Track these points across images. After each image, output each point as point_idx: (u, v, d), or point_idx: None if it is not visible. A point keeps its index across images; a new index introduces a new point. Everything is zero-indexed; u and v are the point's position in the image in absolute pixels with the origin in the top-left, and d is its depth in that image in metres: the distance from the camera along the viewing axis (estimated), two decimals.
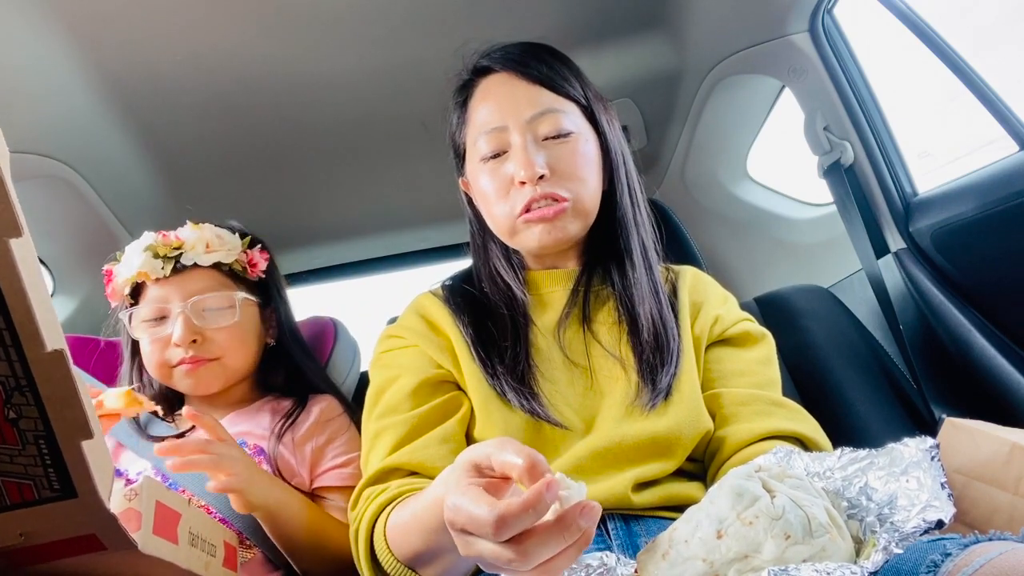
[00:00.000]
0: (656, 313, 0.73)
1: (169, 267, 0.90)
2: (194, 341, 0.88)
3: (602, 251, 0.79)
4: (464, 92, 0.81)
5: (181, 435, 0.91)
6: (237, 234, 0.98)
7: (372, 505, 0.64)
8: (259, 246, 1.00)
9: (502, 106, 0.75)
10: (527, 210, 0.73)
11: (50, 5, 0.94)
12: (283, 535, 0.79)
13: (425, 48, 1.12)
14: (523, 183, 0.72)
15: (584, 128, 0.76)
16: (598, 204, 0.77)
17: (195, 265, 0.92)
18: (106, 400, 0.68)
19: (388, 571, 0.62)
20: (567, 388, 0.72)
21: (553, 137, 0.73)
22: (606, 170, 0.78)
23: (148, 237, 0.93)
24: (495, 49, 0.79)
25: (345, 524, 0.80)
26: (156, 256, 0.90)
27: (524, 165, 0.71)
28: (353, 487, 0.86)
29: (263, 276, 1.00)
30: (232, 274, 0.96)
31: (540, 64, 0.76)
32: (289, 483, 0.86)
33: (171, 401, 0.97)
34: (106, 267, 0.96)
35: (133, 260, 0.91)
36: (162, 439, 0.89)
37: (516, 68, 0.76)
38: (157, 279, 0.91)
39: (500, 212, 0.75)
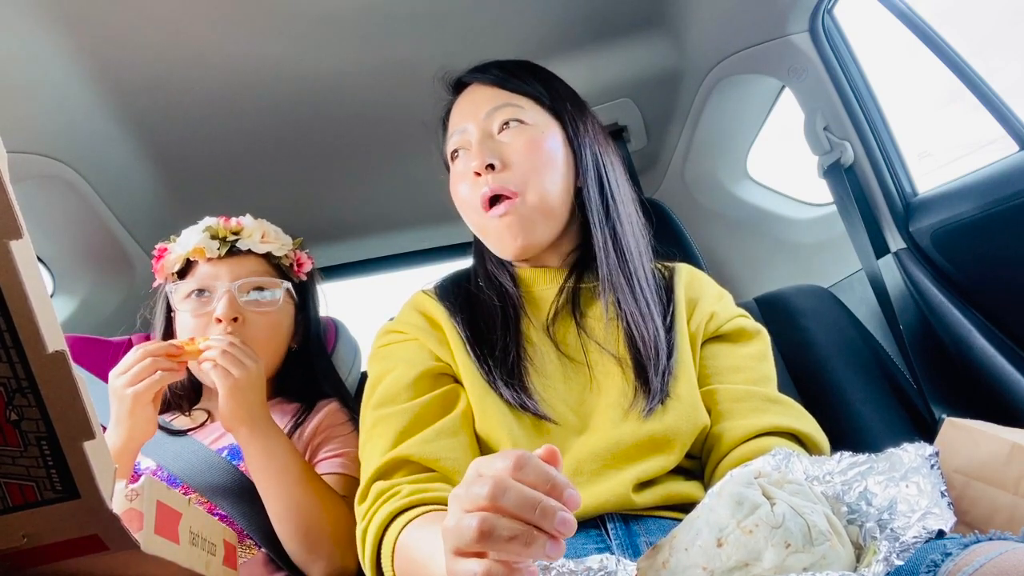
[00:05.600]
0: (646, 312, 0.73)
1: (224, 249, 0.95)
2: (235, 319, 0.91)
3: (589, 248, 0.80)
4: (446, 110, 0.87)
5: (187, 432, 0.92)
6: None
7: (382, 510, 0.63)
8: (306, 251, 1.06)
9: (464, 110, 0.81)
10: (488, 207, 0.76)
11: (50, 5, 0.94)
12: (270, 477, 0.80)
13: (425, 48, 1.12)
14: (477, 174, 0.75)
15: (543, 122, 0.78)
16: (563, 200, 0.77)
17: (248, 251, 0.97)
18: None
19: None
20: (562, 384, 0.72)
21: (508, 127, 0.77)
22: (577, 167, 0.79)
23: (208, 220, 0.98)
24: (468, 69, 0.85)
25: (338, 498, 0.83)
26: (214, 237, 0.95)
27: (474, 155, 0.76)
28: (343, 474, 0.87)
29: (304, 280, 1.04)
30: (279, 268, 1.00)
31: (499, 70, 0.82)
32: None
33: (188, 395, 0.99)
34: (159, 245, 1.00)
35: (190, 239, 0.96)
36: (175, 433, 0.90)
37: (479, 78, 0.82)
38: (210, 258, 0.95)
39: (466, 209, 0.80)
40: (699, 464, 0.71)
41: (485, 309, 0.78)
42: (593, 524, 0.64)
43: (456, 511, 0.41)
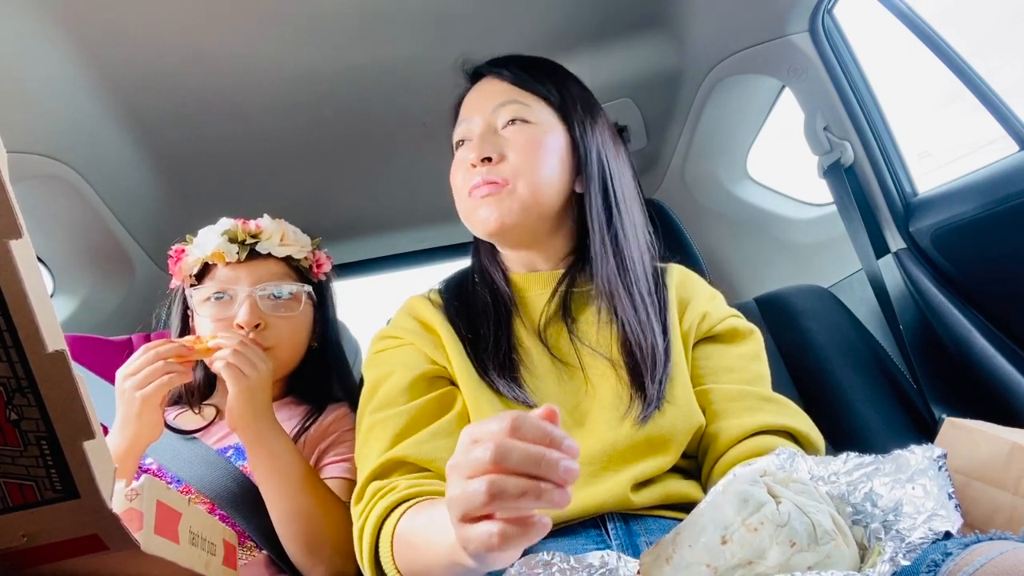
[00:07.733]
0: (644, 320, 0.73)
1: (244, 253, 0.93)
2: (257, 326, 0.90)
3: (584, 252, 0.79)
4: (459, 99, 0.87)
5: (194, 434, 0.91)
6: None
7: (379, 505, 0.63)
8: (325, 250, 1.05)
9: (474, 102, 0.82)
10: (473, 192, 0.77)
11: (51, 5, 0.94)
12: (274, 480, 0.80)
13: (425, 48, 1.12)
14: (473, 165, 0.76)
15: (549, 122, 0.78)
16: (556, 198, 0.77)
17: (268, 255, 0.95)
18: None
19: None
20: (555, 386, 0.72)
21: (512, 124, 0.77)
22: (580, 170, 0.79)
23: (226, 222, 0.96)
24: (486, 60, 0.85)
25: (340, 504, 0.82)
26: (232, 241, 0.93)
27: (473, 147, 0.77)
28: (348, 479, 0.87)
29: (323, 279, 1.03)
30: (298, 270, 0.99)
31: (515, 67, 0.81)
32: None
33: (200, 390, 0.99)
34: (176, 246, 0.99)
35: (208, 242, 0.94)
36: (186, 432, 0.90)
37: (494, 72, 0.83)
38: (229, 262, 0.93)
39: (457, 194, 0.81)
40: (696, 463, 0.71)
41: (480, 307, 0.79)
42: (593, 524, 0.64)
43: (458, 480, 0.41)
